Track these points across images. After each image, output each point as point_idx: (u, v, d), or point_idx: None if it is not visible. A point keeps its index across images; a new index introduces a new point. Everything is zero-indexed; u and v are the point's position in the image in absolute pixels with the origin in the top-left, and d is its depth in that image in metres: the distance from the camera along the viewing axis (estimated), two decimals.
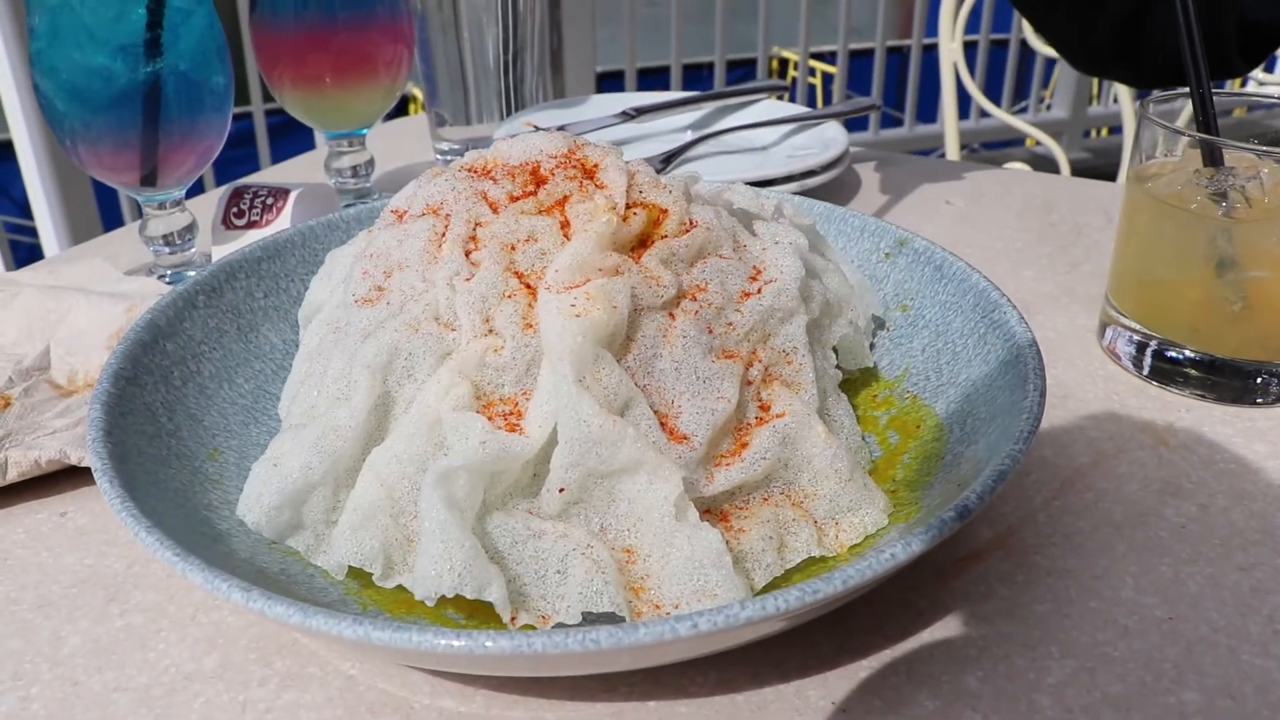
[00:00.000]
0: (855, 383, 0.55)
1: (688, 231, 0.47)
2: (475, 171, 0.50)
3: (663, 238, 0.47)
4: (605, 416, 0.39)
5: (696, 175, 0.56)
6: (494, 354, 0.43)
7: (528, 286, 0.44)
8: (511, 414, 0.42)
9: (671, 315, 0.44)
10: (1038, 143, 3.08)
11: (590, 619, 0.38)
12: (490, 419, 0.41)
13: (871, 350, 0.56)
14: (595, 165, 0.49)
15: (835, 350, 0.52)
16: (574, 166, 0.49)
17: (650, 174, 0.49)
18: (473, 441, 0.39)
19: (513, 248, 0.46)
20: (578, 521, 0.40)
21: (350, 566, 0.41)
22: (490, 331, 0.43)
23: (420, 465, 0.41)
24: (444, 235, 0.47)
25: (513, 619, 0.38)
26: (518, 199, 0.48)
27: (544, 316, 0.42)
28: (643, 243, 0.47)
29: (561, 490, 0.40)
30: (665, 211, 0.47)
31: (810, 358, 0.47)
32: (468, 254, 0.46)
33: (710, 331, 0.45)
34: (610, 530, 0.40)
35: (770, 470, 0.43)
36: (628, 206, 0.47)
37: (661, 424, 0.42)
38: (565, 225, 0.46)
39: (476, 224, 0.47)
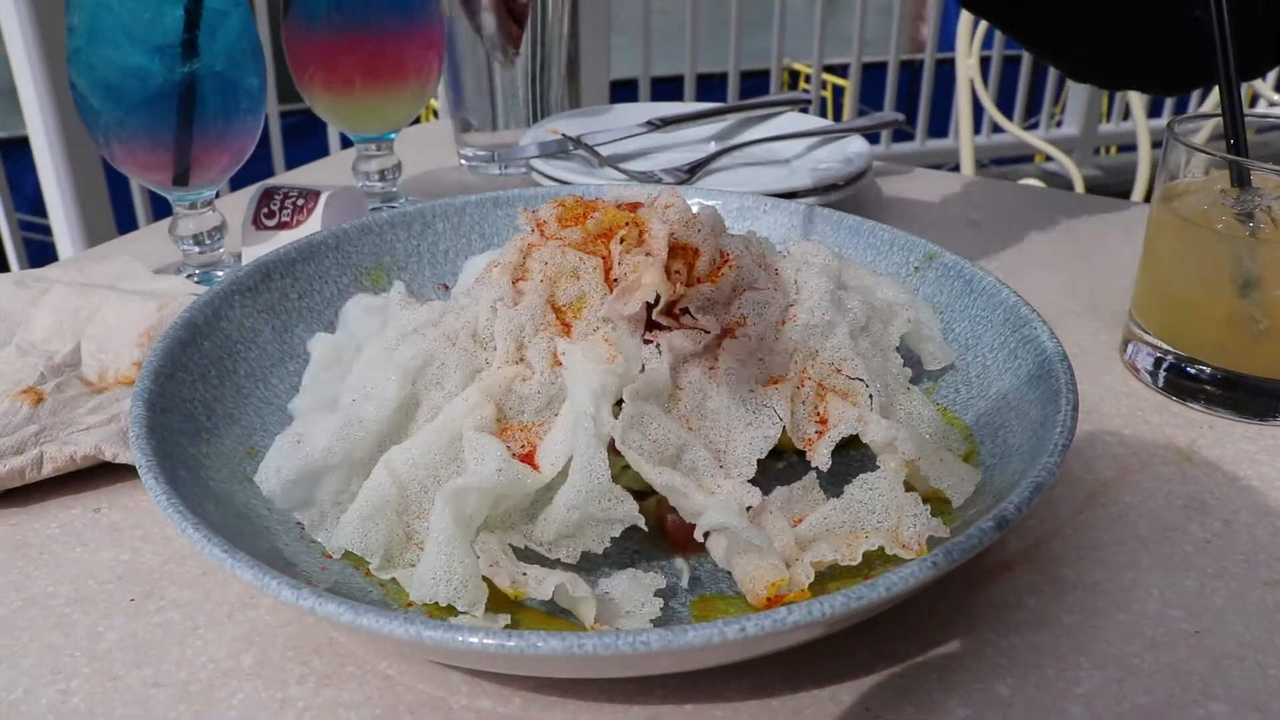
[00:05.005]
0: None
1: (719, 269, 0.49)
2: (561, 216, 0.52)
3: (698, 280, 0.48)
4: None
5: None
6: (521, 382, 0.45)
7: (563, 323, 0.47)
8: (526, 442, 0.44)
9: (715, 356, 0.46)
10: (1048, 159, 3.09)
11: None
12: (508, 443, 0.43)
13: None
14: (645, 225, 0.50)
15: (920, 355, 0.54)
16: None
17: (682, 208, 0.50)
18: (488, 466, 0.41)
19: (555, 282, 0.48)
20: (563, 551, 0.42)
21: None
22: (521, 359, 0.46)
23: (434, 472, 0.43)
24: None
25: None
26: (567, 225, 0.50)
27: (572, 365, 0.44)
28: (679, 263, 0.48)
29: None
30: (697, 252, 0.48)
31: (861, 363, 0.47)
32: (515, 281, 0.48)
33: (756, 362, 0.47)
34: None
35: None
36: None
37: (716, 458, 0.44)
38: (608, 268, 0.47)
39: (524, 252, 0.49)
